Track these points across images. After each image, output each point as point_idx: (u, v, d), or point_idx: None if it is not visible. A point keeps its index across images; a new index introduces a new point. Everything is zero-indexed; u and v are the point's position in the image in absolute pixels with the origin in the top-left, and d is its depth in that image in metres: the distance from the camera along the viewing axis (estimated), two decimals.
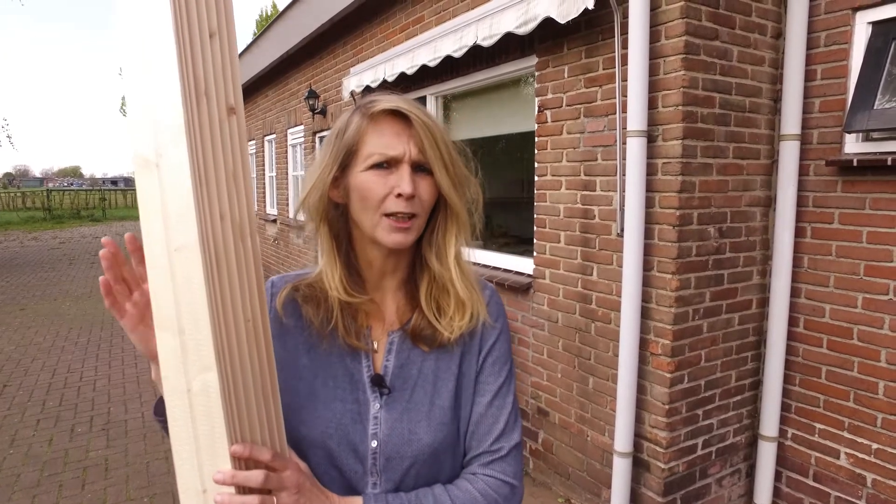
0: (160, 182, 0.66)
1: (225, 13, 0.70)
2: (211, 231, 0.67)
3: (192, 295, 0.66)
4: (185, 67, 0.66)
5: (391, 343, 0.92)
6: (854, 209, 2.45)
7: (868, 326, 2.43)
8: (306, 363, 0.90)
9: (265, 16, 24.45)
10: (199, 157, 0.66)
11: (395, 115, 0.86)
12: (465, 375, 0.93)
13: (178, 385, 0.68)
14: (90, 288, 9.12)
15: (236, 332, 0.70)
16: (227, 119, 0.70)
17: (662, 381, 2.53)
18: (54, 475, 3.33)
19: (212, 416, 0.68)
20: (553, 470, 3.21)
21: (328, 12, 5.40)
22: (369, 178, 0.84)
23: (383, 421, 0.88)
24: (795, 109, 2.55)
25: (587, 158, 2.83)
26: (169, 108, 0.65)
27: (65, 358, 5.52)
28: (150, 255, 0.68)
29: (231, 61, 0.71)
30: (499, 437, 0.91)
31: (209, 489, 0.69)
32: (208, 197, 0.67)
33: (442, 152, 0.86)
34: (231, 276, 0.69)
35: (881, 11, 2.34)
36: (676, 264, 2.45)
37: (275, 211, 8.90)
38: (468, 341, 0.93)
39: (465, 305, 0.91)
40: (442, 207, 0.91)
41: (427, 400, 0.89)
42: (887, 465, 2.39)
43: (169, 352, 0.68)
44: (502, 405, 0.92)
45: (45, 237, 17.73)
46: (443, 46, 3.48)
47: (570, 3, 2.57)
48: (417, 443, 0.87)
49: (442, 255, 0.91)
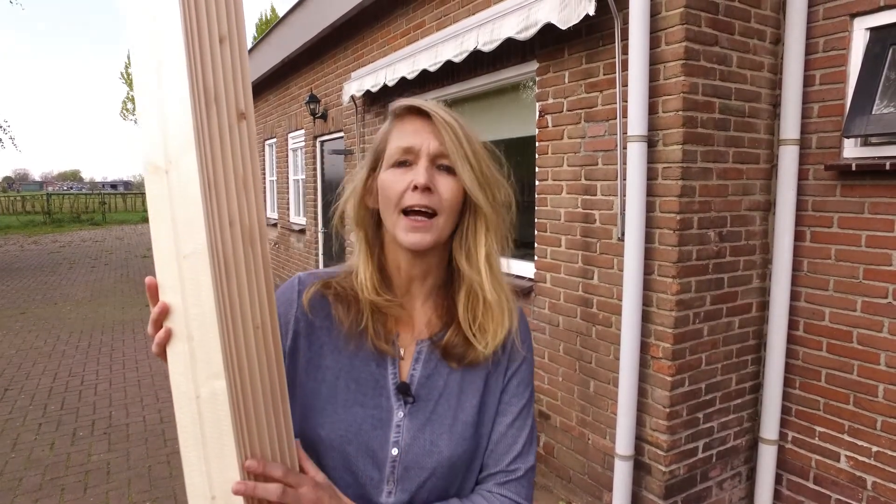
0: (170, 189, 0.66)
1: (236, 17, 0.69)
2: (220, 238, 0.67)
3: (200, 301, 0.66)
4: (196, 73, 0.65)
5: (419, 352, 0.91)
6: (853, 213, 2.47)
7: (867, 330, 2.44)
8: (330, 364, 0.89)
9: (264, 19, 24.51)
10: (208, 163, 0.66)
11: (415, 112, 0.87)
12: (490, 393, 0.92)
13: (187, 391, 0.68)
14: (91, 292, 9.12)
15: (245, 339, 0.69)
16: (237, 124, 0.69)
17: (663, 385, 2.54)
18: (56, 479, 3.33)
19: (220, 424, 0.68)
20: (554, 473, 3.22)
21: (329, 17, 5.43)
22: (390, 175, 0.85)
23: (406, 430, 0.87)
24: (795, 114, 2.57)
25: (588, 163, 2.85)
26: (179, 114, 0.65)
27: (66, 362, 5.52)
28: (159, 262, 0.68)
29: (241, 66, 0.70)
30: (516, 458, 0.90)
31: (218, 496, 0.69)
32: (217, 203, 0.67)
33: (465, 149, 0.84)
34: (241, 282, 0.69)
35: (879, 17, 2.36)
36: (677, 268, 2.46)
37: (275, 215, 8.91)
38: (496, 359, 0.92)
39: (494, 311, 0.88)
40: (470, 208, 0.88)
41: (451, 413, 0.89)
42: (887, 468, 2.40)
43: (178, 358, 0.68)
44: (522, 426, 0.92)
45: (45, 241, 17.72)
46: (444, 51, 3.50)
47: (571, 9, 2.59)
48: (438, 455, 0.86)
49: (472, 257, 0.89)
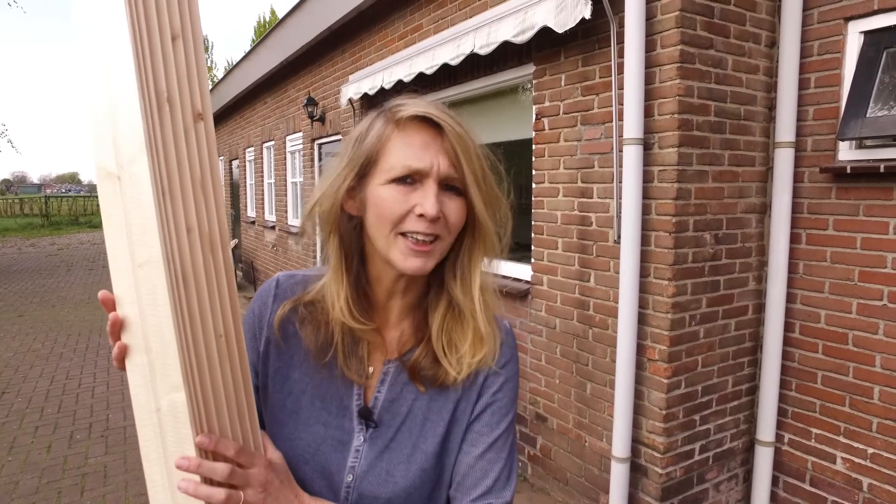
0: (122, 195, 0.63)
1: (189, 13, 0.66)
2: (177, 245, 0.64)
3: (157, 312, 0.64)
4: (145, 73, 0.62)
5: (385, 373, 0.85)
6: (848, 216, 2.48)
7: (863, 332, 2.45)
8: (297, 378, 0.85)
9: (263, 22, 24.54)
10: (161, 167, 0.63)
11: (424, 123, 0.76)
12: (457, 421, 0.85)
13: (147, 404, 0.66)
14: (88, 294, 9.11)
15: (206, 349, 0.67)
16: (192, 126, 0.66)
17: (659, 387, 2.55)
18: (53, 482, 3.33)
19: (181, 438, 0.66)
20: (551, 475, 3.22)
21: (327, 20, 5.43)
22: (389, 192, 0.75)
23: (364, 456, 0.82)
24: (790, 117, 2.58)
25: (584, 166, 2.85)
26: (128, 117, 0.62)
27: (63, 365, 5.51)
28: (114, 272, 0.65)
29: (197, 65, 0.66)
30: (487, 493, 0.82)
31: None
32: (173, 209, 0.64)
33: (475, 168, 0.76)
34: (200, 290, 0.66)
35: (873, 21, 2.37)
36: (673, 271, 2.47)
37: (273, 217, 8.91)
38: (468, 385, 0.84)
39: (482, 343, 0.82)
40: (470, 230, 0.81)
41: (410, 442, 0.83)
42: (883, 470, 2.41)
43: (137, 370, 0.66)
44: (495, 459, 0.83)
45: (42, 244, 17.71)
46: (440, 55, 3.50)
47: (568, 13, 2.60)
48: (393, 485, 0.81)
49: (467, 284, 0.82)
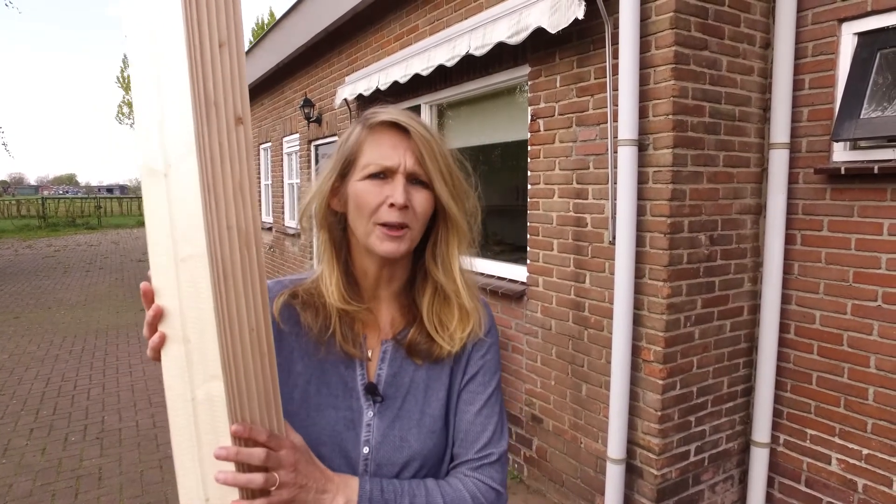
0: (168, 192, 0.67)
1: (234, 22, 0.70)
2: (218, 241, 0.68)
3: (199, 304, 0.67)
4: (196, 78, 0.66)
5: (384, 352, 0.94)
6: (843, 216, 2.48)
7: (858, 332, 2.45)
8: (300, 370, 0.92)
9: (261, 24, 24.53)
10: (208, 167, 0.67)
11: (393, 127, 0.88)
12: (453, 385, 0.96)
13: (182, 394, 0.69)
14: (85, 296, 9.08)
15: (241, 341, 0.70)
16: (234, 129, 0.70)
17: (655, 388, 2.54)
18: (47, 484, 3.31)
19: (216, 426, 0.68)
20: (547, 477, 3.22)
21: (323, 21, 5.43)
22: (365, 187, 0.87)
23: (375, 428, 0.90)
24: (784, 118, 2.58)
25: (579, 167, 2.85)
26: (179, 118, 0.65)
27: (59, 367, 5.49)
28: (155, 265, 0.69)
29: (240, 71, 0.70)
30: (487, 444, 0.93)
31: (212, 497, 0.70)
32: (216, 207, 0.68)
33: (440, 164, 0.88)
34: (237, 285, 0.70)
35: (867, 22, 2.38)
36: (668, 272, 2.47)
37: (270, 219, 8.90)
38: (459, 353, 0.95)
39: (469, 317, 0.93)
40: (442, 219, 0.93)
41: (418, 409, 0.92)
42: (878, 471, 2.41)
43: (173, 361, 0.69)
44: (491, 414, 0.95)
45: (39, 245, 17.66)
46: (436, 56, 3.50)
47: (561, 14, 2.60)
48: (408, 449, 0.90)
49: (447, 267, 0.94)
